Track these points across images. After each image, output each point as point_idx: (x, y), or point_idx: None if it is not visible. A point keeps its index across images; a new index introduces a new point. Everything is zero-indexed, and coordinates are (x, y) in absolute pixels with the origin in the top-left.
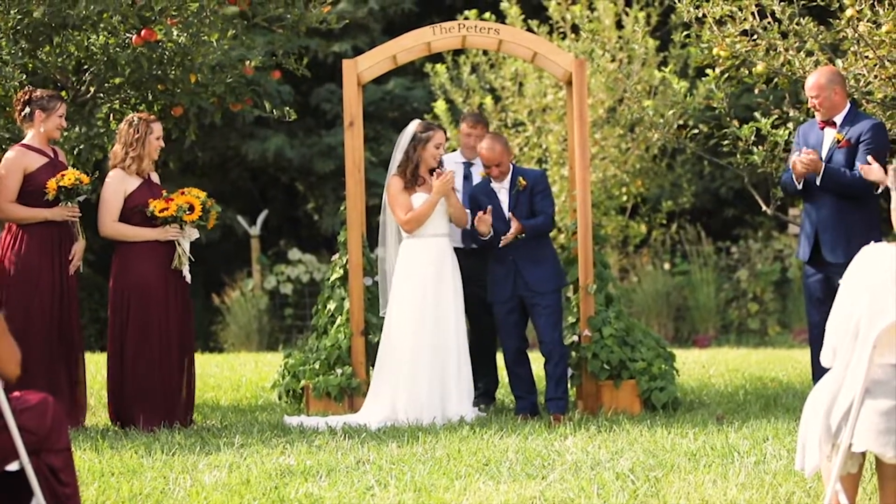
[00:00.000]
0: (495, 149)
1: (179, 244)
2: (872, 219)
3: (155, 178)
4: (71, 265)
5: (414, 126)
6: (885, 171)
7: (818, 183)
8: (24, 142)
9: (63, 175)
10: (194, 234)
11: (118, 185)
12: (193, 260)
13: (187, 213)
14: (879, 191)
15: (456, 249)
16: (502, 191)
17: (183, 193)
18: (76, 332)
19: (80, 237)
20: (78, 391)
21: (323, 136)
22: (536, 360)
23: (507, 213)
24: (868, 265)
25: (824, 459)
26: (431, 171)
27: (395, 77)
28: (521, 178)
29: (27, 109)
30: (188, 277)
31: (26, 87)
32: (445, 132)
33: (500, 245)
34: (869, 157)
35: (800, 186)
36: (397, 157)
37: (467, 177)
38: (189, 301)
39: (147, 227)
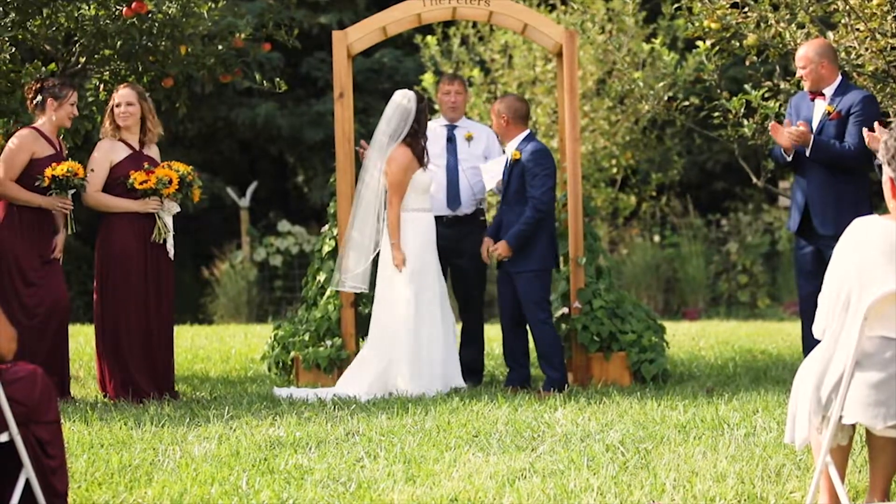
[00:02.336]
0: (494, 106)
1: (160, 217)
2: (863, 191)
3: (152, 151)
4: (53, 256)
5: (409, 96)
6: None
7: (808, 154)
8: (36, 125)
9: (56, 165)
10: (174, 207)
11: (104, 156)
12: (172, 232)
13: (166, 186)
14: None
15: (436, 218)
16: (510, 155)
17: (164, 167)
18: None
19: (62, 229)
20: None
21: (312, 105)
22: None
23: (499, 184)
24: (858, 238)
25: (814, 432)
26: None
27: (385, 49)
28: (515, 151)
29: (39, 97)
30: (171, 252)
31: (38, 75)
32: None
33: (484, 262)
34: (876, 125)
35: (789, 158)
36: (384, 128)
37: (451, 139)
38: (171, 273)
39: (129, 199)
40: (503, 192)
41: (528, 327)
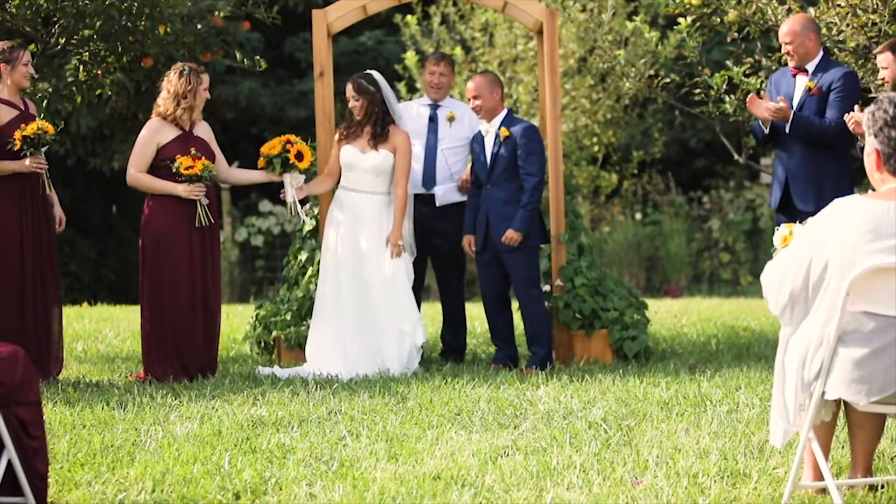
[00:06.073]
0: (474, 81)
1: (200, 204)
2: (843, 168)
3: (204, 130)
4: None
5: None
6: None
7: (787, 130)
8: None
9: (25, 126)
10: (300, 179)
11: (152, 136)
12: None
13: (211, 173)
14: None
15: (415, 197)
16: (490, 134)
17: (290, 142)
18: (52, 284)
19: (48, 189)
20: (52, 344)
21: (295, 85)
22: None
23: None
24: (839, 223)
25: (799, 409)
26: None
27: (367, 30)
28: (503, 129)
29: None
30: (305, 221)
31: None
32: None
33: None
34: (856, 107)
35: (766, 130)
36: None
37: (433, 119)
38: (215, 256)
39: (171, 182)
40: (487, 172)
41: (512, 306)
